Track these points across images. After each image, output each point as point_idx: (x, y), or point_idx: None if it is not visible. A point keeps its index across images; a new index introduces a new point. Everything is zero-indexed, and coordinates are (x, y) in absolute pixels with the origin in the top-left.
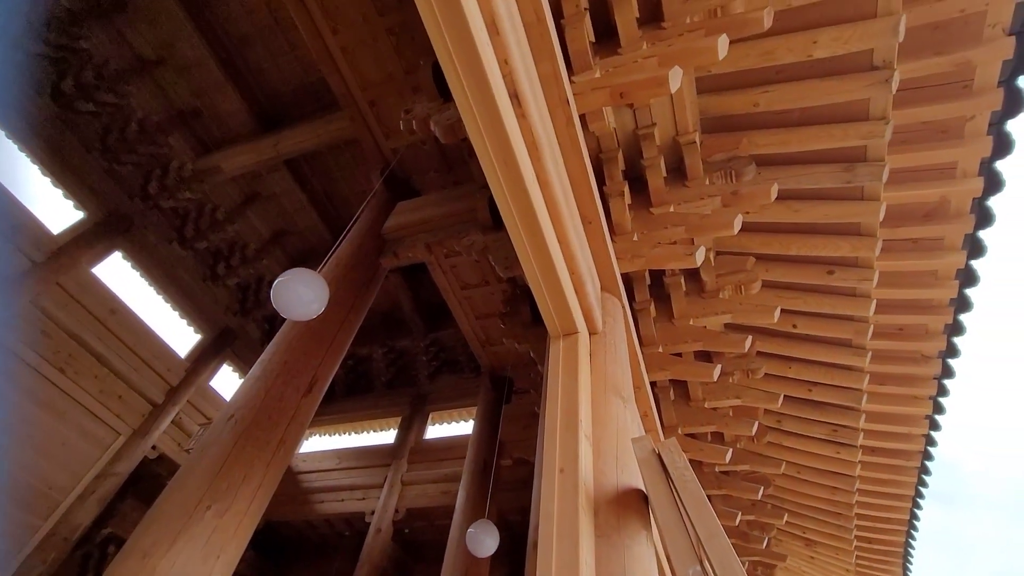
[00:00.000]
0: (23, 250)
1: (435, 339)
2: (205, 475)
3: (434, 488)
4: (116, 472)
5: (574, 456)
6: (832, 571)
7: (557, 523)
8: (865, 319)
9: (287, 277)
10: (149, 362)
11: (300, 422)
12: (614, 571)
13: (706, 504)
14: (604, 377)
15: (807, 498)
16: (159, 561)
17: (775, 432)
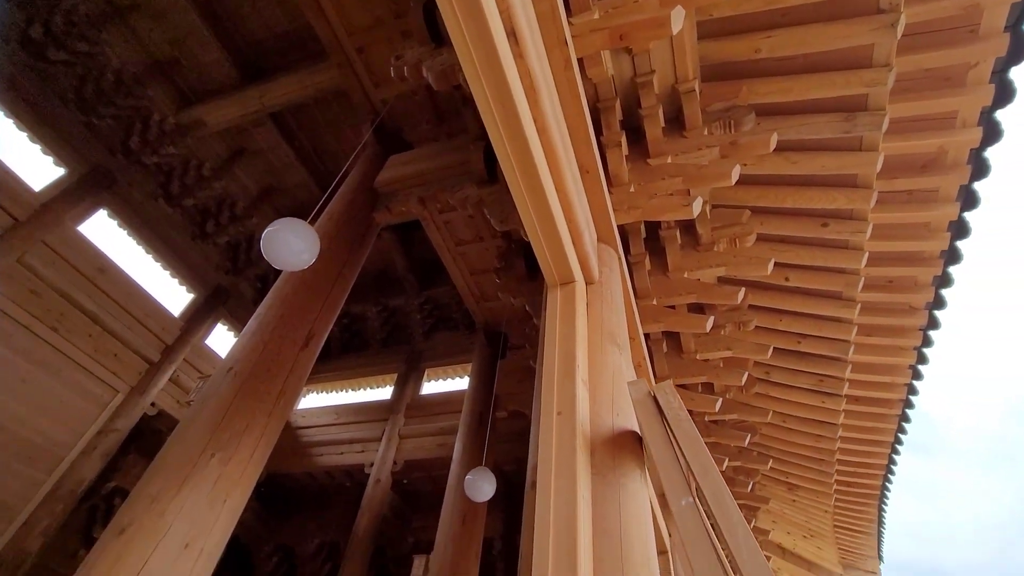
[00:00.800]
0: (5, 208)
1: (429, 297)
2: (207, 425)
3: (431, 441)
4: (117, 428)
5: (571, 400)
6: (812, 513)
7: (555, 463)
8: (856, 271)
9: (277, 226)
10: (142, 321)
11: (298, 375)
12: (610, 507)
13: (700, 442)
14: (600, 325)
15: (791, 445)
16: (167, 505)
17: (763, 383)
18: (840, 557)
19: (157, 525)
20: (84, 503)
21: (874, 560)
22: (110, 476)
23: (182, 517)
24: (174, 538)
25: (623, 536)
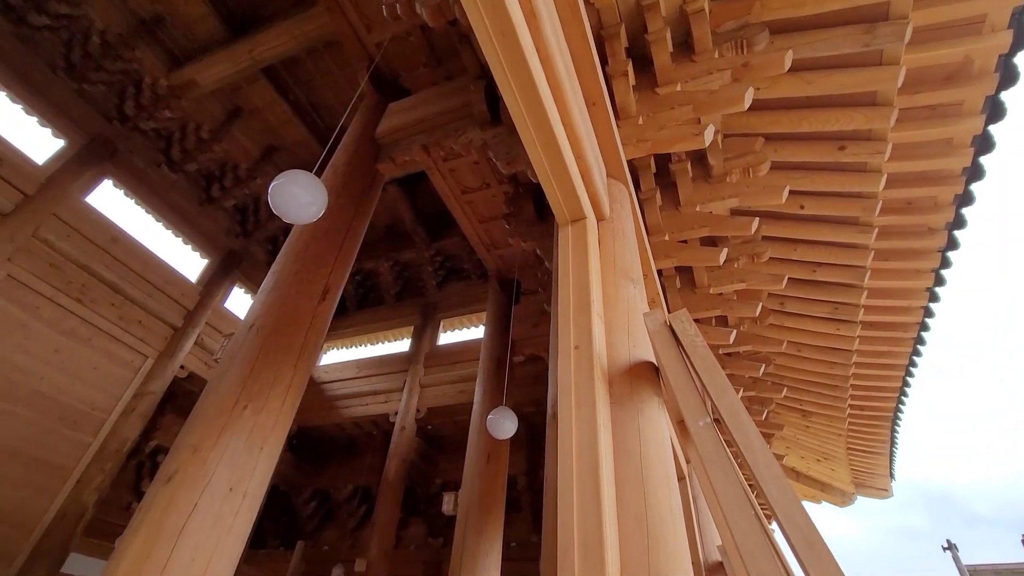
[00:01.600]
0: (12, 183)
1: (439, 248)
2: (237, 378)
3: (451, 388)
4: (151, 391)
5: (588, 334)
6: (825, 437)
7: (575, 393)
8: (874, 195)
9: (282, 179)
10: (162, 288)
11: (318, 329)
12: (629, 431)
13: (716, 366)
14: (613, 260)
15: (805, 373)
16: (208, 454)
17: (777, 314)
18: (852, 477)
19: (201, 472)
20: (130, 461)
21: (885, 479)
22: (150, 435)
23: (223, 463)
24: (218, 482)
25: (643, 457)
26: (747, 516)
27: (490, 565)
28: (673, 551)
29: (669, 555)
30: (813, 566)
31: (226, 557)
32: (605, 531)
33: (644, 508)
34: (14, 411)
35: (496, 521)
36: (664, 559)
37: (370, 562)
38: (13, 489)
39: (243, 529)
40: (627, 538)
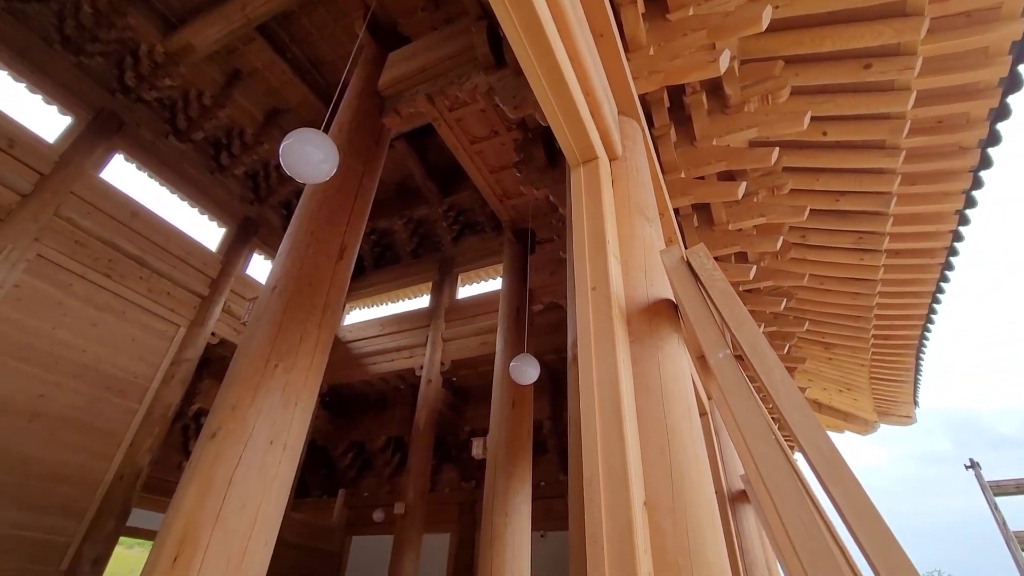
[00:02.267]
0: (28, 164)
1: (452, 203)
2: (266, 339)
3: (473, 341)
4: (187, 358)
5: (604, 274)
6: (848, 368)
7: (594, 333)
8: (902, 115)
9: (292, 138)
10: (185, 259)
11: (338, 287)
12: (649, 368)
13: (735, 298)
14: (628, 200)
15: (828, 306)
16: (247, 411)
17: (799, 247)
18: (875, 406)
19: (242, 427)
20: (176, 424)
21: (909, 406)
22: (192, 399)
23: (261, 419)
24: (259, 436)
25: (664, 391)
26: (769, 443)
27: (520, 503)
28: (696, 477)
29: (692, 481)
30: (834, 484)
31: (273, 503)
32: (629, 462)
33: (666, 439)
34: (64, 383)
35: (524, 463)
36: (687, 485)
37: (408, 505)
38: (73, 454)
39: (286, 477)
40: (650, 468)
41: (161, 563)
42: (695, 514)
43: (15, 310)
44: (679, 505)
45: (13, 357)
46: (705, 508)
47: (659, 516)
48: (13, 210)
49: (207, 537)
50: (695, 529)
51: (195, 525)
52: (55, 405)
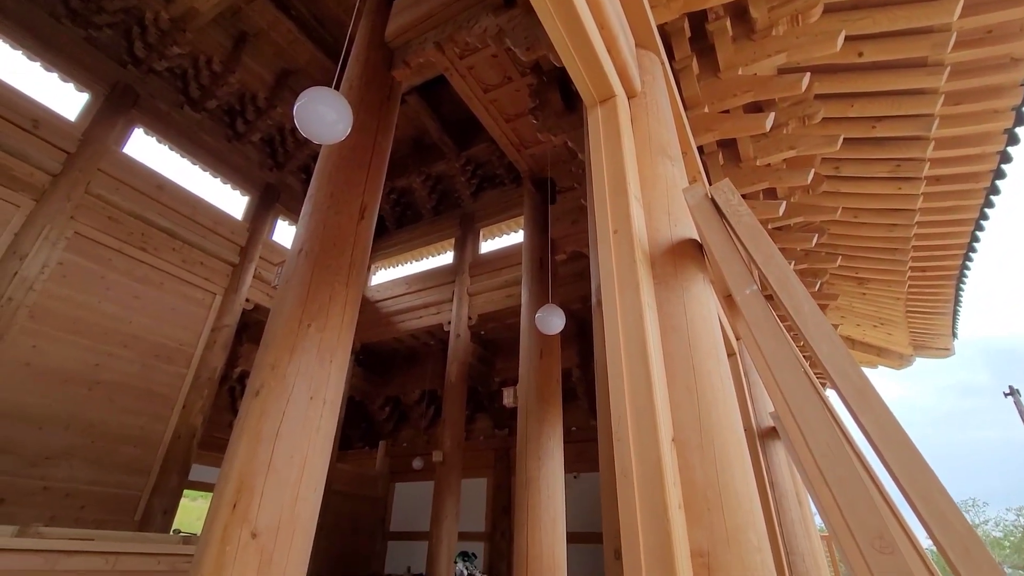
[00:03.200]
0: (54, 143)
1: (469, 157)
2: (297, 301)
3: (499, 294)
4: (226, 324)
5: (626, 217)
6: (883, 303)
7: (617, 277)
8: (947, 27)
9: (305, 98)
10: (213, 228)
11: (362, 246)
12: (675, 309)
13: (761, 232)
14: (648, 138)
15: (862, 239)
16: (285, 369)
17: (832, 179)
18: (911, 339)
19: (283, 385)
20: (222, 386)
21: (947, 338)
22: (234, 363)
23: (300, 377)
24: (300, 393)
25: (690, 332)
26: (797, 375)
27: (553, 447)
28: (723, 413)
29: (720, 417)
30: (865, 414)
31: (319, 453)
32: (656, 401)
33: (694, 378)
34: (116, 352)
35: (555, 409)
36: (715, 421)
37: (445, 453)
38: (134, 417)
39: (329, 430)
40: (678, 406)
41: (223, 509)
42: (723, 449)
43: (62, 287)
44: (707, 441)
45: (67, 331)
46: (733, 443)
47: (687, 452)
48: (47, 190)
49: (261, 485)
50: (724, 463)
51: (249, 475)
52: (111, 373)
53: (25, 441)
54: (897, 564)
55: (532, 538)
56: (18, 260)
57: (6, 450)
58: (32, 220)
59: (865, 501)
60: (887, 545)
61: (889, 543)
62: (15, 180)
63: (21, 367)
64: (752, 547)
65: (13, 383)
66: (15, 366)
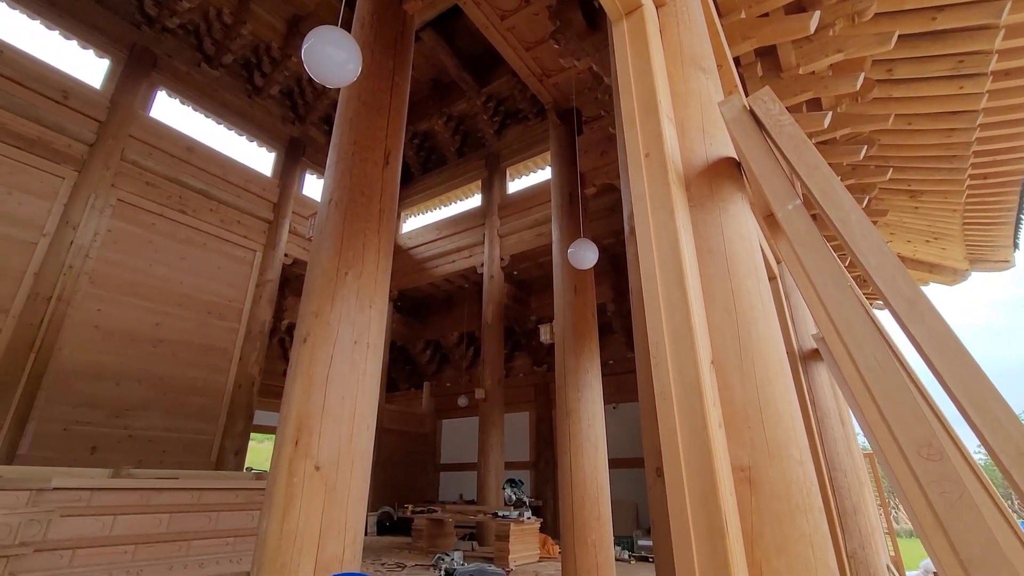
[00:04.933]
0: (85, 113)
1: (490, 93)
2: (332, 250)
3: (529, 233)
4: (269, 279)
5: (658, 138)
6: (937, 216)
7: (650, 202)
8: None
9: (312, 39)
10: (245, 187)
11: (389, 193)
12: (712, 231)
13: (805, 142)
14: (679, 50)
15: (916, 148)
16: (328, 316)
17: (884, 84)
18: (967, 253)
19: (328, 331)
20: (272, 338)
21: (1007, 249)
22: (281, 315)
23: (343, 323)
24: (344, 338)
25: (728, 253)
26: (842, 289)
27: (591, 379)
28: (764, 334)
29: (761, 337)
30: (916, 324)
31: (367, 394)
32: (694, 323)
33: (732, 299)
34: (172, 312)
35: (591, 344)
36: (755, 341)
37: (487, 390)
38: (197, 370)
39: (375, 373)
40: (717, 328)
41: (286, 446)
42: (764, 369)
43: (114, 252)
44: (747, 362)
45: (126, 294)
46: (774, 362)
47: (727, 373)
48: (86, 160)
49: (318, 424)
50: (765, 383)
51: (307, 416)
52: (171, 331)
53: (107, 396)
54: (945, 470)
55: (575, 463)
56: (71, 230)
57: (92, 404)
58: (77, 190)
59: (913, 411)
60: (935, 452)
61: (937, 450)
62: (57, 153)
63: (91, 329)
64: (794, 461)
65: (87, 344)
66: (86, 329)
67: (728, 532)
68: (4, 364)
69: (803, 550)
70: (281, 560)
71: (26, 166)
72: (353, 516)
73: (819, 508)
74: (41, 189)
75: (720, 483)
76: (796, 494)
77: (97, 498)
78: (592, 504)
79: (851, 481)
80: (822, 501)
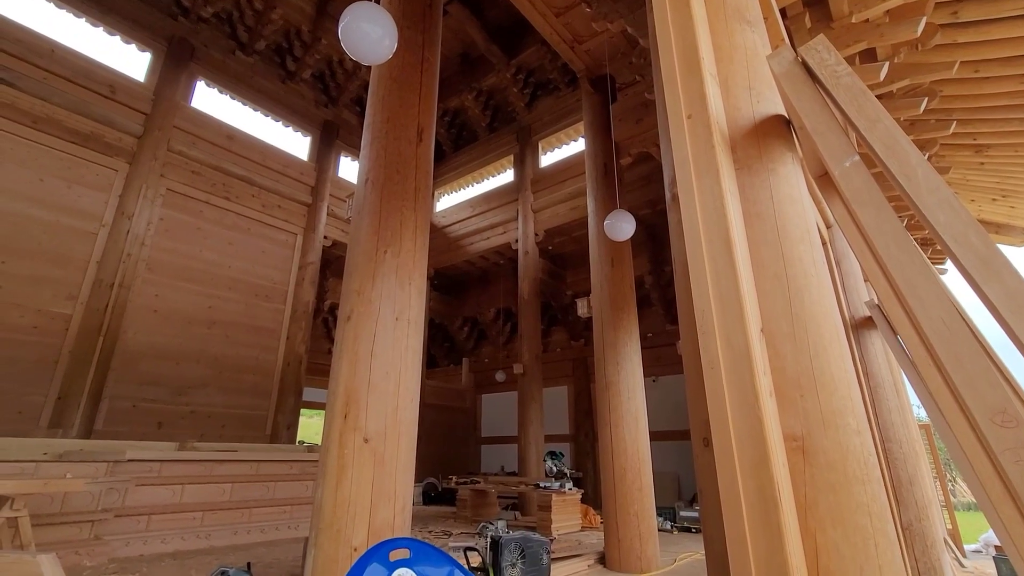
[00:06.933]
0: (132, 106)
1: (520, 64)
2: (371, 229)
3: (563, 207)
4: (310, 262)
5: (701, 98)
6: (1005, 172)
7: (694, 167)
8: None
9: (348, 17)
10: (283, 172)
11: (424, 170)
12: (760, 194)
13: (865, 93)
14: (722, 2)
15: (983, 98)
16: (370, 294)
17: (948, 28)
18: None
19: (370, 309)
20: (316, 318)
21: None
22: (323, 296)
23: (384, 300)
24: (386, 314)
25: (777, 216)
26: (907, 249)
27: (630, 352)
28: (817, 300)
29: (813, 303)
30: (990, 283)
31: (410, 369)
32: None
33: (783, 265)
34: (223, 295)
35: (630, 316)
36: (808, 308)
37: (525, 365)
38: (248, 350)
39: (416, 348)
40: (766, 295)
41: (336, 419)
42: (817, 336)
43: (167, 239)
44: (799, 329)
45: (180, 279)
46: (828, 329)
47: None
48: (135, 152)
49: (365, 398)
50: (819, 351)
51: (354, 390)
52: (223, 313)
53: (168, 374)
54: (1021, 436)
55: (616, 435)
56: (127, 219)
57: (156, 383)
58: (130, 182)
59: (987, 376)
60: (1010, 419)
61: (1012, 416)
62: (109, 146)
63: (150, 313)
64: (851, 430)
65: (148, 327)
66: (146, 312)
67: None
68: (77, 347)
69: (861, 520)
70: (337, 526)
71: (82, 160)
72: (402, 485)
73: (877, 479)
74: (97, 182)
75: (772, 453)
76: (853, 464)
77: (167, 469)
78: (634, 475)
79: (906, 452)
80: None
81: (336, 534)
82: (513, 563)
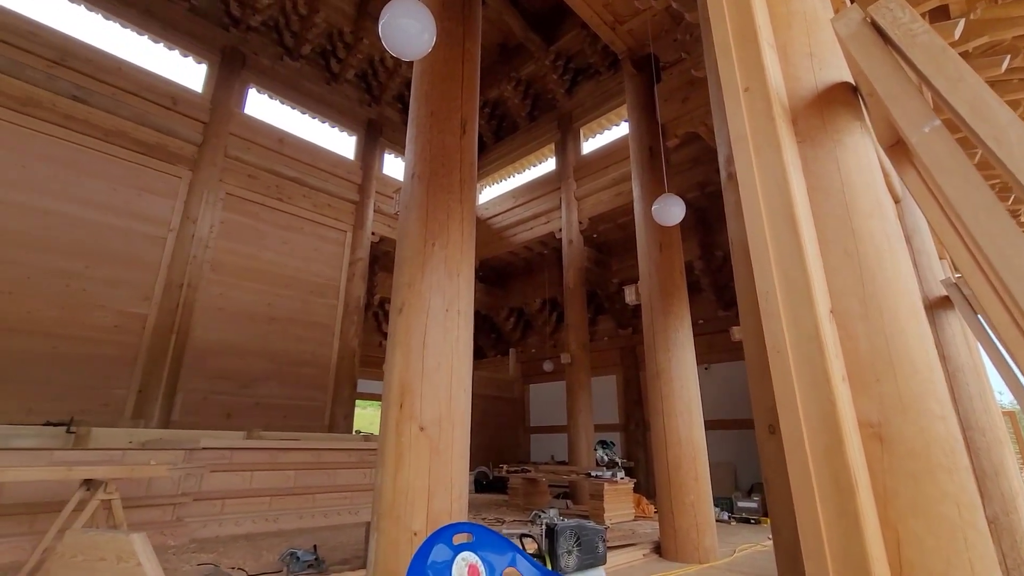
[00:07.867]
0: (192, 116)
1: (559, 51)
2: (418, 223)
3: (607, 194)
4: (360, 258)
5: (759, 68)
6: None
7: (752, 142)
8: None
9: (388, 14)
10: (332, 171)
11: (468, 162)
12: (825, 166)
13: (945, 50)
14: None
15: None
16: (420, 286)
17: None
18: None
19: (420, 300)
20: (367, 312)
21: None
22: (373, 291)
23: (434, 292)
24: (436, 306)
25: (845, 190)
26: (1000, 222)
27: (682, 339)
28: (892, 277)
29: (888, 281)
30: None
31: (462, 359)
32: (809, 269)
33: (853, 241)
34: (280, 292)
35: (680, 302)
36: (882, 286)
37: (572, 355)
38: (305, 344)
39: (467, 339)
40: (836, 273)
41: (392, 408)
42: (893, 316)
43: (228, 241)
44: (873, 309)
45: (241, 278)
46: (905, 307)
47: (849, 323)
48: (196, 159)
49: (419, 388)
50: (895, 332)
51: (408, 381)
52: (281, 310)
53: (236, 369)
54: None
55: (668, 425)
56: (192, 223)
57: (225, 377)
58: (193, 188)
59: None
60: None
61: None
62: (173, 155)
63: (217, 311)
64: (934, 415)
65: (215, 324)
66: (212, 311)
67: (858, 490)
68: (153, 344)
69: (948, 511)
70: (396, 512)
71: (149, 169)
72: (457, 473)
73: (965, 467)
74: (164, 189)
75: (847, 440)
76: (937, 452)
77: (238, 456)
78: (689, 465)
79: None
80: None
81: (396, 519)
82: (569, 550)
